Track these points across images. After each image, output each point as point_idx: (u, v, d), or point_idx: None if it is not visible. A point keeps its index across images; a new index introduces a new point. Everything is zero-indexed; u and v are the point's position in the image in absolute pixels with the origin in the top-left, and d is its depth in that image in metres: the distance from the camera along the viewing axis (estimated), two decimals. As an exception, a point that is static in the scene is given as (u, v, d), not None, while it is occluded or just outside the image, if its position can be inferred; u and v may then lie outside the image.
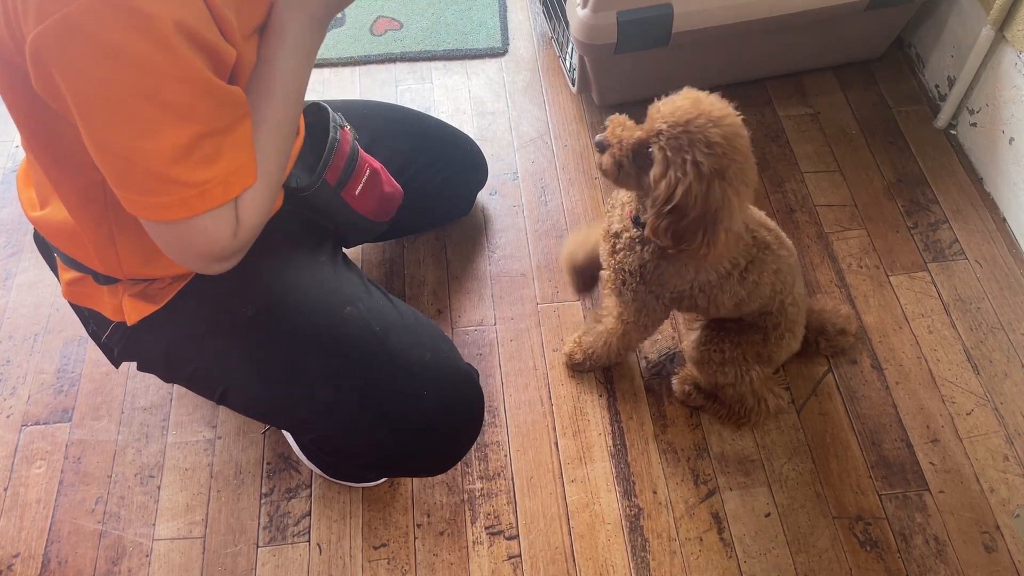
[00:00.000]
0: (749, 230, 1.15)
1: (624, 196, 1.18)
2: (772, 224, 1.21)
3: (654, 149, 1.00)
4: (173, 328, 1.04)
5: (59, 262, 1.05)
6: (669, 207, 1.00)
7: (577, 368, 1.41)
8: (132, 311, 1.02)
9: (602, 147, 1.07)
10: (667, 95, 1.03)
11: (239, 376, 1.05)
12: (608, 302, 1.29)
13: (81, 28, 0.67)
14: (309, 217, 1.14)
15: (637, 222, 1.13)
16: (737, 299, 1.19)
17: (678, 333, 1.46)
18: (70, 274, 1.03)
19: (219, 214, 0.81)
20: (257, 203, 0.85)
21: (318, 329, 1.03)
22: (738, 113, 1.00)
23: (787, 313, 1.24)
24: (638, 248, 1.15)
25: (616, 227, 1.19)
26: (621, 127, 1.06)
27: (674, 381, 1.39)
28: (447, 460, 1.14)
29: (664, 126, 0.99)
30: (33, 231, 1.07)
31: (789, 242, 1.23)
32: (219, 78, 0.77)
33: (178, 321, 1.03)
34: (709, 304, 1.20)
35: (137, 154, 0.74)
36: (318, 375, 1.03)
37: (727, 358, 1.26)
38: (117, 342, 1.08)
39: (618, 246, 1.18)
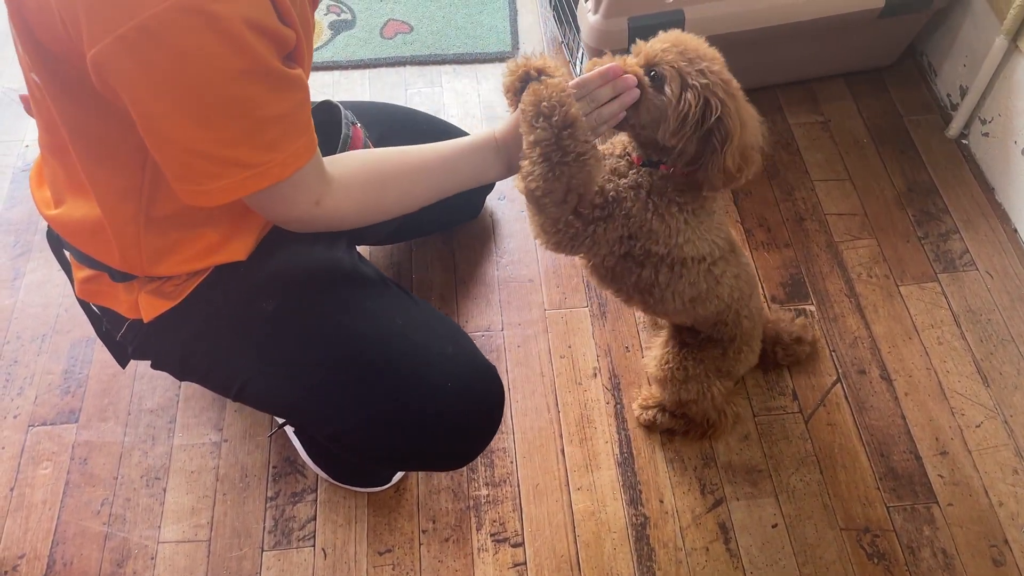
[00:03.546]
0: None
1: (621, 145, 1.10)
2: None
3: (663, 68, 0.96)
4: (190, 324, 1.04)
5: (72, 260, 1.04)
6: (696, 121, 0.97)
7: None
8: (148, 308, 1.01)
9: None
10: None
11: (258, 371, 1.05)
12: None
13: (156, 34, 0.70)
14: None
15: (649, 161, 1.06)
16: (695, 292, 1.12)
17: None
18: (84, 272, 1.03)
19: (295, 181, 0.86)
20: (355, 196, 0.95)
21: (339, 322, 1.03)
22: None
23: (742, 326, 1.22)
24: (646, 178, 1.06)
25: (632, 178, 1.08)
26: (608, 61, 0.99)
27: (635, 408, 1.37)
28: (468, 453, 1.13)
29: (664, 47, 0.97)
30: (47, 230, 1.07)
31: (747, 255, 1.23)
32: (282, 60, 0.81)
33: (195, 317, 1.03)
34: (665, 290, 1.11)
35: (204, 143, 0.79)
36: (340, 368, 1.03)
37: (690, 375, 1.25)
38: (132, 340, 1.07)
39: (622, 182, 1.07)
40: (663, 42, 0.99)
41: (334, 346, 1.03)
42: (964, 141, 1.73)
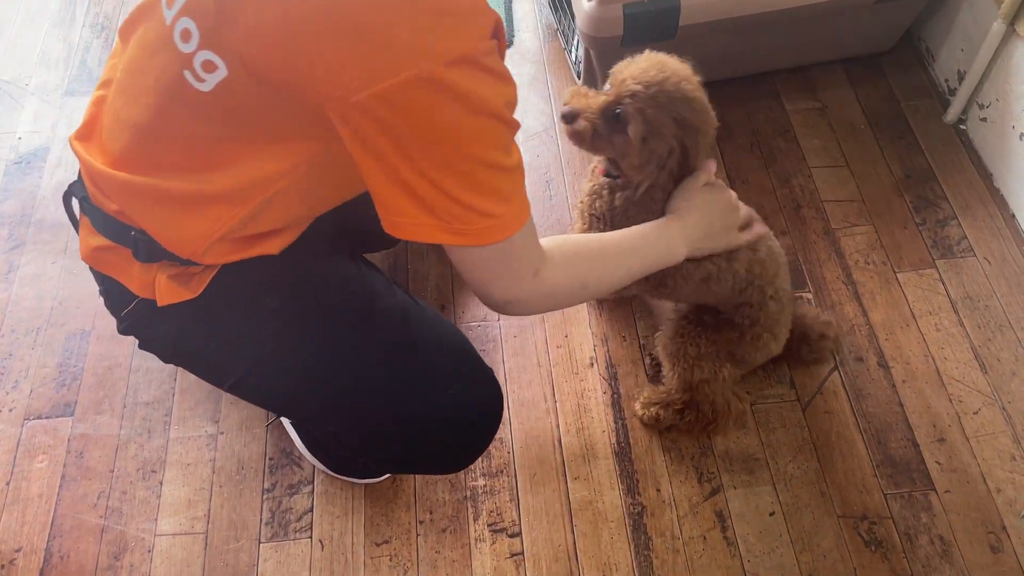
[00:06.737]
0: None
1: (595, 162, 1.20)
2: (758, 216, 1.20)
3: (627, 110, 1.02)
4: (193, 311, 1.02)
5: (89, 226, 0.99)
6: (660, 165, 1.04)
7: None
8: (166, 292, 0.98)
9: (571, 117, 1.07)
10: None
11: (258, 365, 1.03)
12: None
13: (395, 101, 0.74)
14: (326, 228, 1.12)
15: (611, 174, 1.15)
16: (705, 272, 1.15)
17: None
18: (100, 240, 0.98)
19: (522, 241, 0.86)
20: (571, 270, 0.96)
21: (346, 320, 1.02)
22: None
23: (767, 309, 1.20)
24: (605, 194, 1.16)
25: (593, 186, 1.20)
26: (583, 96, 1.08)
27: (637, 407, 1.35)
28: (467, 458, 1.13)
29: (638, 87, 1.01)
30: (64, 194, 1.02)
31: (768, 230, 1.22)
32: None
33: (199, 305, 1.01)
34: (676, 272, 1.15)
35: (444, 190, 0.80)
36: (345, 366, 1.01)
37: (703, 353, 1.23)
38: (129, 316, 1.05)
39: (596, 202, 1.19)
40: (641, 73, 1.03)
41: (338, 344, 1.01)
42: (962, 126, 1.72)
